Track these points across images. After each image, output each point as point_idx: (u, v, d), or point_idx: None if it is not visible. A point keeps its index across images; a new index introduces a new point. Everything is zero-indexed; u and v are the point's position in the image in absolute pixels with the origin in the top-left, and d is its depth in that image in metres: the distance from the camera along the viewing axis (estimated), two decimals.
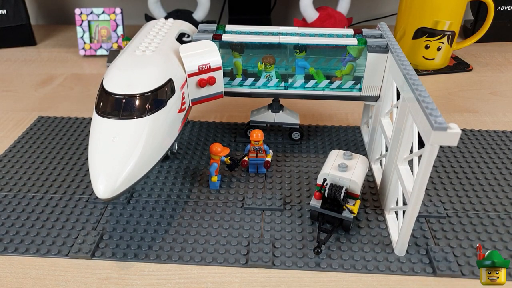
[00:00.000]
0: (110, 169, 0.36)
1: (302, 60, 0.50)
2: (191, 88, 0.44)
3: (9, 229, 0.43)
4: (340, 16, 0.83)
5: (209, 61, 0.44)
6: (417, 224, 0.43)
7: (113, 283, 0.38)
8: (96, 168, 0.36)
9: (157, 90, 0.38)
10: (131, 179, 0.37)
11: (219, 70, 0.45)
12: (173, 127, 0.42)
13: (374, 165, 0.52)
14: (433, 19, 0.74)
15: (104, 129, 0.37)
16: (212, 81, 0.44)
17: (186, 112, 0.45)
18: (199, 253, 0.40)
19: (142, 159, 0.37)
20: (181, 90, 0.42)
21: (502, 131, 0.60)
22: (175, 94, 0.40)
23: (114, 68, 0.40)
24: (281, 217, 0.45)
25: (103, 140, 0.37)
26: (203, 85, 0.44)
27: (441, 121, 0.31)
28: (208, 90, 0.46)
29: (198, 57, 0.44)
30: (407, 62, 0.41)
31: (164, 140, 0.40)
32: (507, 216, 0.44)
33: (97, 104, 0.39)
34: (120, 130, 0.37)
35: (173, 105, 0.40)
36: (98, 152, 0.36)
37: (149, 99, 0.38)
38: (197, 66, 0.43)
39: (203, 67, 0.43)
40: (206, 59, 0.44)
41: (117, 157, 0.36)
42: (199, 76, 0.44)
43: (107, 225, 0.43)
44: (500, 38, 0.94)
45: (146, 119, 0.37)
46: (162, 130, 0.39)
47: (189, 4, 0.87)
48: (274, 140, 0.58)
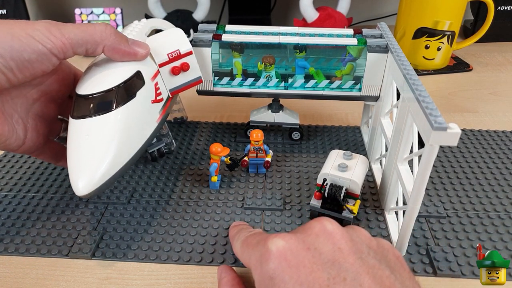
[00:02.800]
0: (87, 165, 0.36)
1: (302, 60, 0.50)
2: (166, 78, 0.44)
3: (9, 229, 0.43)
4: (340, 16, 0.83)
5: (177, 48, 0.43)
6: (417, 224, 0.43)
7: (113, 283, 0.38)
8: (72, 166, 0.36)
9: (123, 83, 0.39)
10: (110, 171, 0.37)
11: (190, 54, 0.44)
12: (149, 117, 0.42)
13: (374, 165, 0.52)
14: (433, 19, 0.74)
15: (77, 129, 0.38)
16: (186, 67, 0.44)
17: (166, 103, 0.45)
18: (199, 253, 0.40)
19: (119, 151, 0.38)
20: (153, 81, 0.42)
21: (502, 131, 0.60)
22: (145, 85, 0.41)
23: (85, 73, 0.41)
24: (281, 217, 0.45)
25: (76, 139, 0.37)
26: (177, 73, 0.44)
27: (441, 121, 0.31)
28: (184, 77, 0.45)
29: (166, 45, 0.44)
30: (407, 62, 0.41)
31: (140, 130, 0.41)
32: (507, 216, 0.44)
33: (71, 110, 0.39)
34: (92, 127, 0.37)
35: (144, 96, 0.41)
36: (74, 151, 0.37)
37: (116, 93, 0.38)
38: (167, 55, 0.43)
39: (173, 54, 0.43)
40: (174, 46, 0.43)
41: (92, 151, 0.36)
42: (171, 64, 0.44)
43: (107, 225, 0.43)
44: (500, 38, 0.94)
45: (116, 112, 0.38)
46: (136, 121, 0.40)
47: (189, 4, 0.87)
48: (274, 140, 0.58)
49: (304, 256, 0.28)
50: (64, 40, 0.36)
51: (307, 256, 0.28)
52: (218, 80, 0.51)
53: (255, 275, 0.30)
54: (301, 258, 0.28)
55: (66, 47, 0.36)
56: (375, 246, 0.30)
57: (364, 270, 0.27)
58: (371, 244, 0.30)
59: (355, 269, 0.27)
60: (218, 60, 0.51)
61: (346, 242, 0.29)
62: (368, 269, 0.27)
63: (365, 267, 0.27)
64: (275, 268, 0.28)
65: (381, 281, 0.27)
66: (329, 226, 0.30)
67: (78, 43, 0.37)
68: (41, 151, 0.43)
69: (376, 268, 0.27)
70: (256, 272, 0.29)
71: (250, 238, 0.33)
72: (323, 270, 0.27)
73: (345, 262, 0.27)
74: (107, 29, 0.38)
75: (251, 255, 0.31)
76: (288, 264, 0.27)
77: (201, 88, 0.51)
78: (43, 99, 0.42)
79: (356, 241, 0.29)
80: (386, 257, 0.30)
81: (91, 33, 0.37)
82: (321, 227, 0.30)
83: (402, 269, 0.29)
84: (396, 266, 0.29)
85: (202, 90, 0.52)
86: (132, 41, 0.40)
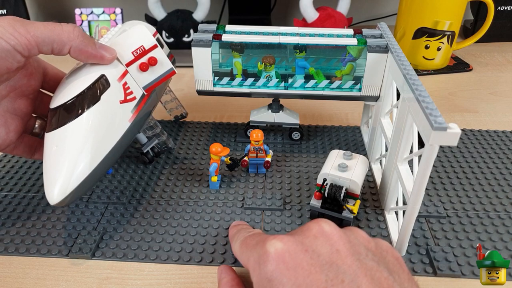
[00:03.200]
0: (57, 174, 0.37)
1: (302, 60, 0.50)
2: (137, 76, 0.44)
3: (9, 229, 0.43)
4: (340, 16, 0.83)
5: (141, 44, 0.43)
6: (417, 224, 0.43)
7: (113, 283, 0.38)
8: (45, 179, 0.37)
9: (85, 90, 0.39)
10: (80, 177, 0.37)
11: (155, 48, 0.44)
12: (118, 118, 0.42)
13: (374, 165, 0.52)
14: (433, 19, 0.74)
15: (48, 142, 0.38)
16: (153, 62, 0.44)
17: (140, 101, 0.44)
18: (199, 253, 0.40)
19: (87, 155, 0.38)
20: (121, 81, 0.42)
21: (502, 131, 0.60)
22: (110, 87, 0.41)
23: (58, 87, 0.42)
24: (281, 217, 0.45)
25: (48, 152, 0.38)
26: (145, 69, 0.44)
27: (441, 121, 0.31)
28: (155, 72, 0.45)
29: (130, 44, 0.43)
30: (407, 62, 0.41)
31: (109, 132, 0.41)
32: (507, 216, 0.44)
33: (46, 125, 0.40)
34: (60, 137, 0.38)
35: (110, 98, 0.41)
36: (46, 164, 0.38)
37: (79, 101, 0.39)
38: (131, 53, 0.43)
39: (138, 51, 0.43)
40: (138, 43, 0.43)
41: (61, 161, 0.37)
42: (138, 62, 0.43)
43: (107, 225, 0.43)
44: (500, 38, 0.94)
45: (80, 118, 0.38)
46: (103, 124, 0.40)
47: (189, 4, 0.87)
48: (274, 140, 0.58)
49: (302, 258, 0.28)
50: (29, 37, 0.36)
51: (305, 258, 0.28)
52: (218, 80, 0.51)
53: (253, 277, 0.29)
54: (299, 260, 0.28)
55: (31, 44, 0.36)
56: (373, 248, 0.30)
57: (362, 272, 0.27)
58: (370, 245, 0.30)
59: (353, 271, 0.27)
60: (218, 60, 0.51)
61: (344, 244, 0.29)
62: (366, 271, 0.27)
63: (363, 269, 0.27)
64: (273, 270, 0.28)
65: (379, 283, 0.26)
66: (327, 227, 0.30)
67: (44, 42, 0.37)
68: (14, 146, 0.43)
69: (374, 269, 0.27)
70: (254, 273, 0.29)
71: (249, 239, 0.33)
72: (321, 272, 0.27)
73: (343, 264, 0.27)
74: (75, 30, 0.38)
75: (249, 256, 0.31)
76: (286, 266, 0.27)
77: (201, 88, 0.51)
78: (12, 95, 0.42)
79: (354, 242, 0.29)
80: (384, 259, 0.29)
81: (58, 33, 0.37)
82: (319, 229, 0.30)
83: (401, 271, 0.29)
84: (395, 268, 0.29)
85: (202, 90, 0.52)
86: (99, 45, 0.41)
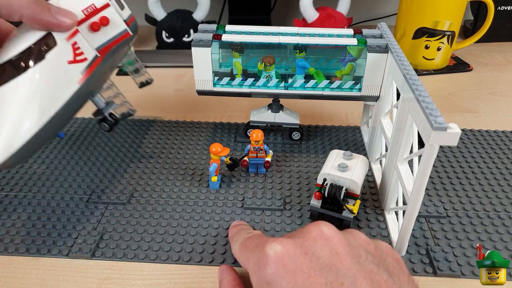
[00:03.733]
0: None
1: (302, 60, 0.50)
2: (88, 36, 0.42)
3: (9, 229, 0.43)
4: (340, 16, 0.83)
5: (92, 2, 0.42)
6: (417, 224, 0.43)
7: (113, 283, 0.38)
8: None
9: (28, 48, 0.37)
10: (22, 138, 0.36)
11: (107, 7, 0.43)
12: (65, 79, 0.40)
13: (374, 165, 0.52)
14: (433, 19, 0.74)
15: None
16: (105, 21, 0.42)
17: (93, 63, 0.42)
18: (199, 253, 0.40)
19: (30, 116, 0.37)
20: (69, 41, 0.40)
21: (502, 131, 0.60)
22: (57, 46, 0.39)
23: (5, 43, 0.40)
24: (281, 217, 0.45)
25: None
26: (97, 29, 0.42)
27: (441, 121, 0.31)
28: (107, 33, 0.43)
29: (78, 1, 0.42)
30: (407, 62, 0.42)
31: (54, 93, 0.39)
32: (507, 216, 0.44)
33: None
34: (2, 96, 0.36)
35: (57, 58, 0.39)
36: None
37: (23, 59, 0.37)
38: (82, 11, 0.41)
39: (89, 10, 0.42)
40: (88, 1, 0.42)
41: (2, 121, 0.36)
42: (89, 21, 0.42)
43: (107, 225, 0.43)
44: (500, 38, 0.94)
45: (22, 77, 0.37)
46: (50, 83, 0.38)
47: (189, 4, 0.87)
48: (274, 140, 0.58)
49: (301, 261, 0.28)
50: None
51: (304, 261, 0.28)
52: (218, 80, 0.51)
53: (253, 279, 0.29)
54: (299, 263, 0.28)
55: None
56: (373, 250, 0.30)
57: (361, 275, 0.27)
58: (369, 247, 0.30)
59: (353, 274, 0.27)
60: (218, 60, 0.51)
61: (344, 247, 0.29)
62: (366, 273, 0.27)
63: (363, 272, 0.27)
64: (273, 273, 0.28)
65: (379, 285, 0.26)
66: (326, 230, 0.30)
67: None
68: None
69: (374, 272, 0.27)
70: (254, 276, 0.29)
71: (248, 240, 0.33)
72: (321, 275, 0.27)
73: (343, 267, 0.27)
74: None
75: (249, 259, 0.31)
76: (286, 269, 0.27)
77: (201, 88, 0.51)
78: None
79: (353, 245, 0.29)
80: (384, 261, 0.29)
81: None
82: (318, 231, 0.30)
83: (401, 273, 0.29)
84: (395, 270, 0.29)
85: (202, 90, 0.52)
86: (56, 10, 0.37)
